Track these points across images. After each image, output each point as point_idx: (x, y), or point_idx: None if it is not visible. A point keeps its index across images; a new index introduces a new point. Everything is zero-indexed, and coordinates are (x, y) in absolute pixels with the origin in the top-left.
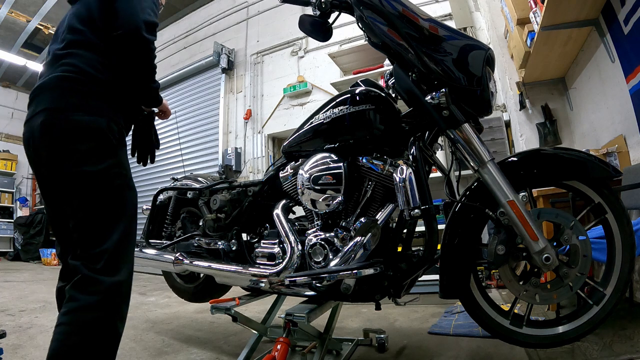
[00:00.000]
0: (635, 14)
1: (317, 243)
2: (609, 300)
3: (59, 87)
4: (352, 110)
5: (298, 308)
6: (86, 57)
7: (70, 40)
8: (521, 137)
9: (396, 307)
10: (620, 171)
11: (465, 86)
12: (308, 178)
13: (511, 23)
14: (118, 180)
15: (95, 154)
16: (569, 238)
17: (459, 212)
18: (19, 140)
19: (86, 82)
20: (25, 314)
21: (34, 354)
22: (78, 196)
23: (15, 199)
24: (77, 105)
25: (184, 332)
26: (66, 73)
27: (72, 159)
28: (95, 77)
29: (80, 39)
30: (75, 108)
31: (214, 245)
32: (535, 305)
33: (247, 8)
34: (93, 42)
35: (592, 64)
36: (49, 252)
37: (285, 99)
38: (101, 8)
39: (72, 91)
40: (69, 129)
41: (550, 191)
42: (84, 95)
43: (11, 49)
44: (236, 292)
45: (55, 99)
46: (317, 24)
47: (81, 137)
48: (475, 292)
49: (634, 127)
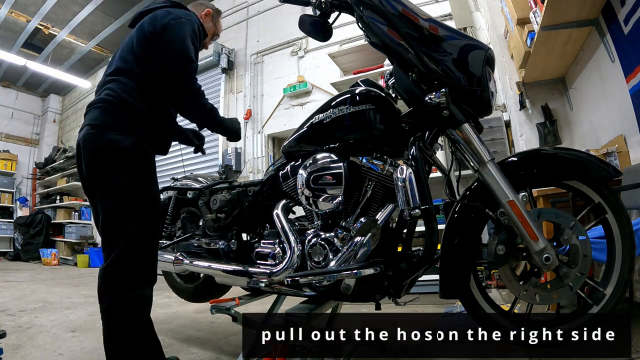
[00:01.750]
0: (635, 14)
1: (317, 243)
2: (609, 300)
3: (99, 107)
4: (352, 110)
5: (298, 308)
6: (125, 84)
7: (117, 67)
8: (521, 137)
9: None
10: (620, 171)
11: (465, 86)
12: (308, 178)
13: (511, 23)
14: (135, 191)
15: (120, 167)
16: (569, 238)
17: (459, 212)
18: (19, 140)
19: (121, 106)
20: (25, 314)
21: (34, 354)
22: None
23: (15, 199)
24: (111, 124)
25: (184, 332)
26: (107, 97)
27: (101, 169)
28: (130, 103)
29: (125, 67)
30: (109, 127)
31: (214, 245)
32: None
33: (247, 8)
34: (134, 72)
35: (592, 64)
36: (49, 252)
37: (285, 99)
38: (148, 40)
39: (109, 112)
40: (101, 144)
41: (550, 191)
42: (118, 117)
43: (11, 49)
44: (236, 292)
45: (95, 118)
46: (317, 24)
47: (110, 152)
48: (475, 292)
49: (634, 127)
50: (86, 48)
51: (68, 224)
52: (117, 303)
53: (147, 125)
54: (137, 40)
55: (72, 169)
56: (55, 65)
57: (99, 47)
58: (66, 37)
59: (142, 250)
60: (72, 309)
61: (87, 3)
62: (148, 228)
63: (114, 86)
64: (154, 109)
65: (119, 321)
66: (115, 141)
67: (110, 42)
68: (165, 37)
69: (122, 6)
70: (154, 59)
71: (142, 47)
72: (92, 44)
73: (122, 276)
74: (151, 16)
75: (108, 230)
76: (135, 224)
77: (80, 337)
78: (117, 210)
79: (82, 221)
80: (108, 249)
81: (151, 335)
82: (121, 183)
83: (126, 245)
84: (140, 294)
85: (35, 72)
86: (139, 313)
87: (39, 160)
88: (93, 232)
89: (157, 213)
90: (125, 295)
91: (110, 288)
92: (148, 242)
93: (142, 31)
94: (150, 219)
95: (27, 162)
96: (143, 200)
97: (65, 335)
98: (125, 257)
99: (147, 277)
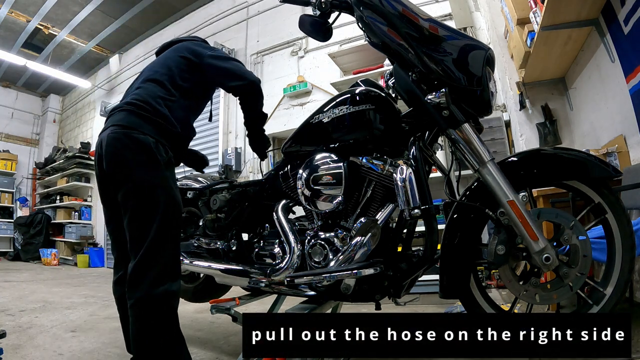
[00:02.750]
0: (635, 14)
1: (317, 243)
2: (609, 300)
3: (126, 110)
4: (352, 110)
5: (298, 308)
6: (151, 90)
7: (146, 77)
8: (521, 137)
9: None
10: (620, 171)
11: (465, 86)
12: (308, 178)
13: (511, 23)
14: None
15: (145, 164)
16: (569, 238)
17: (459, 212)
18: (19, 140)
19: (146, 109)
20: (25, 314)
21: (34, 354)
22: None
23: (15, 199)
24: (136, 125)
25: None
26: (133, 100)
27: (126, 166)
28: (154, 107)
29: (155, 78)
30: (135, 127)
31: (214, 245)
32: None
33: (247, 8)
34: (162, 83)
35: (592, 64)
36: (49, 252)
37: (285, 99)
38: (189, 59)
39: (134, 114)
40: (127, 141)
41: (550, 191)
42: (142, 119)
43: (11, 49)
44: (236, 292)
45: (121, 119)
46: (317, 24)
47: (136, 150)
48: (475, 292)
49: (634, 127)
50: (86, 48)
51: (68, 224)
52: (145, 298)
53: (169, 133)
54: (175, 61)
55: (72, 169)
56: (55, 65)
57: (99, 47)
58: (66, 37)
59: (167, 247)
60: (72, 309)
61: (87, 3)
62: (172, 226)
63: (141, 92)
64: (178, 120)
65: (148, 316)
66: (141, 140)
67: (110, 42)
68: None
69: (122, 6)
70: (193, 75)
71: (180, 68)
72: (92, 44)
73: (149, 273)
74: (191, 43)
75: (134, 229)
76: (160, 222)
77: (80, 337)
78: (142, 208)
79: (82, 221)
80: (136, 248)
81: (177, 331)
82: (145, 180)
83: (152, 243)
84: (166, 289)
85: (35, 72)
86: (167, 308)
87: (39, 160)
88: (93, 232)
89: (180, 212)
90: (153, 291)
91: (139, 284)
92: (172, 239)
93: (182, 55)
94: (174, 217)
95: (27, 162)
96: (167, 198)
97: (65, 335)
98: (152, 255)
99: (173, 273)
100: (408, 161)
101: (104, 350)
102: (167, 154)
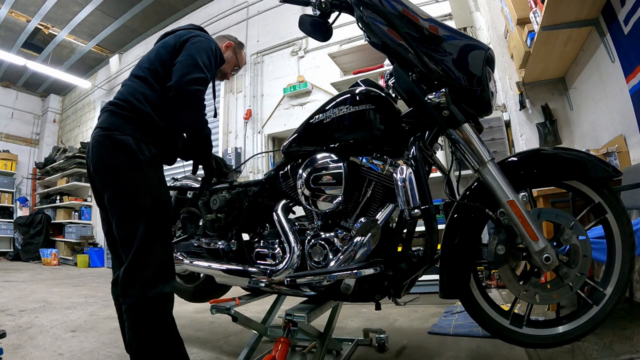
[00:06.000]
0: (635, 14)
1: (317, 243)
2: (609, 300)
3: (108, 110)
4: (352, 110)
5: (298, 308)
6: (133, 87)
7: (132, 73)
8: (521, 137)
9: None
10: (620, 171)
11: (465, 86)
12: (308, 178)
13: (511, 23)
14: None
15: (126, 166)
16: (569, 238)
17: (459, 212)
18: (19, 140)
19: (126, 108)
20: (25, 314)
21: (34, 354)
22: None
23: (15, 199)
24: (117, 126)
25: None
26: (115, 100)
27: (108, 170)
28: (135, 106)
29: (140, 74)
30: (115, 128)
31: (214, 245)
32: (535, 305)
33: (247, 8)
34: (147, 80)
35: (592, 64)
36: (49, 252)
37: (285, 99)
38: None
39: (115, 114)
40: (108, 143)
41: (550, 191)
42: (123, 118)
43: (11, 49)
44: (236, 292)
45: (103, 121)
46: (317, 24)
47: (118, 152)
48: (475, 292)
49: (634, 127)
50: (86, 48)
51: (68, 224)
52: (138, 302)
53: (152, 129)
54: (156, 52)
55: (72, 169)
56: (55, 65)
57: (99, 47)
58: (66, 37)
59: (156, 249)
60: (72, 309)
61: (87, 3)
62: (159, 226)
63: (123, 90)
64: (162, 117)
65: (142, 321)
66: (122, 141)
67: (110, 42)
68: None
69: (122, 6)
70: (170, 70)
71: (161, 58)
72: (92, 44)
73: (140, 276)
74: (175, 34)
75: (122, 233)
76: (146, 224)
77: (80, 337)
78: (127, 212)
79: (82, 221)
80: (125, 251)
81: (174, 333)
82: (127, 183)
83: (140, 245)
84: (159, 292)
85: (35, 72)
86: (161, 311)
87: (39, 160)
88: (93, 232)
89: (167, 211)
90: (145, 294)
91: (131, 289)
92: (161, 240)
93: (164, 44)
94: (161, 218)
95: (27, 162)
96: (151, 199)
97: (65, 335)
98: (141, 257)
99: (165, 275)
100: (408, 161)
101: (104, 350)
102: (150, 151)
